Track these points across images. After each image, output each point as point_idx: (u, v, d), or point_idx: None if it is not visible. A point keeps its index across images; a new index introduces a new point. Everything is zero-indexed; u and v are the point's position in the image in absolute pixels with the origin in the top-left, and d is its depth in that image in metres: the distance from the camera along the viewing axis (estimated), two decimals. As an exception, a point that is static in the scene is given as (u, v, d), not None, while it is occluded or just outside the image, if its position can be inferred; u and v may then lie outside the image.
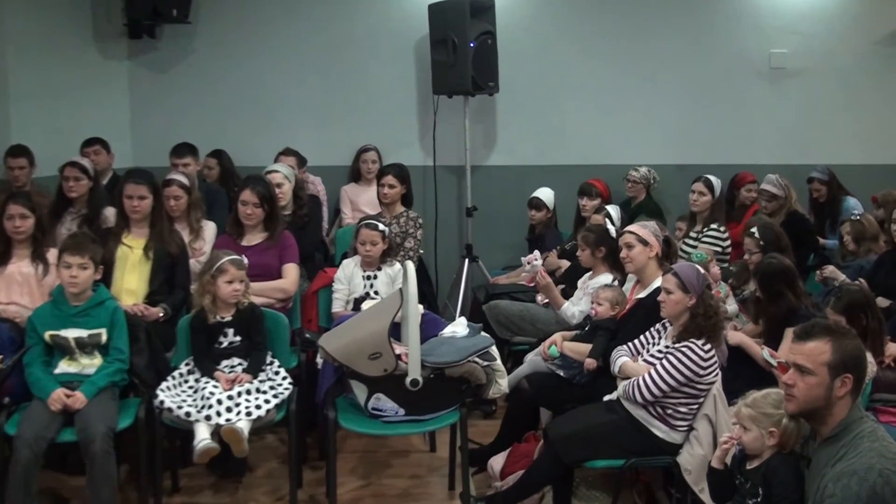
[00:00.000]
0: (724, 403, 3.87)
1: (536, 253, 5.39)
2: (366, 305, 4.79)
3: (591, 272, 5.25)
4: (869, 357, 3.89)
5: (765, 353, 4.24)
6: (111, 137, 6.49)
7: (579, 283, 5.36)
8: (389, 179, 5.77)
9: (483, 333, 4.44)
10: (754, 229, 5.27)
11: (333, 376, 4.20)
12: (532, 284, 5.93)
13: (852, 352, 2.93)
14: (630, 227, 4.69)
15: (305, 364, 4.67)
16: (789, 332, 4.23)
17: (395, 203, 5.81)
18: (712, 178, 6.14)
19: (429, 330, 4.35)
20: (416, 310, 4.05)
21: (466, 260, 6.93)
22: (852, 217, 5.69)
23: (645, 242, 4.58)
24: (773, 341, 4.40)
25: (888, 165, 7.45)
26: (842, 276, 5.32)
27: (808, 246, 6.28)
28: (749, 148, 7.43)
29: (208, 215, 5.35)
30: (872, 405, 4.22)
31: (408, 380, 3.97)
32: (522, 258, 5.43)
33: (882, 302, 4.94)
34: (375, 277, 5.08)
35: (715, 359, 3.90)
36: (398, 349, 4.06)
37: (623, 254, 4.64)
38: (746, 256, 5.27)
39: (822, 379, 2.91)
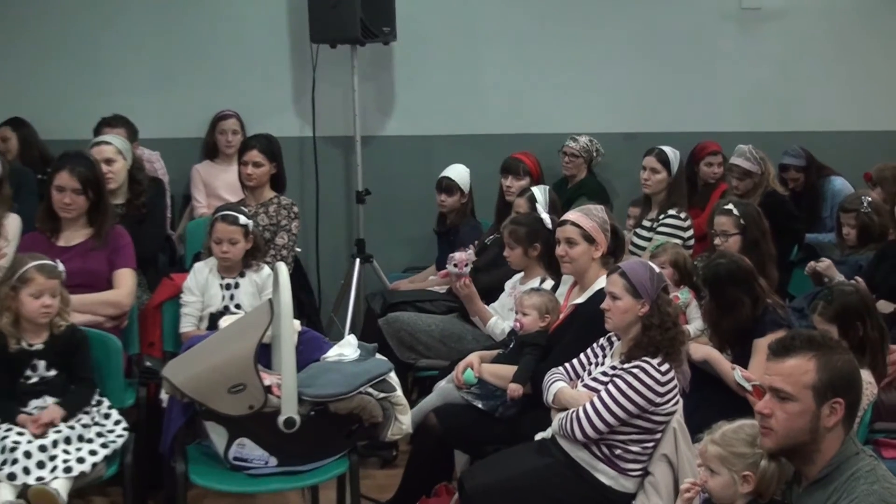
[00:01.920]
0: (686, 440, 3.91)
1: (471, 253, 5.35)
2: (225, 322, 4.72)
3: (522, 274, 5.28)
4: (867, 376, 4.01)
5: (736, 373, 4.33)
6: None
7: (507, 287, 5.38)
8: (254, 156, 5.72)
9: (379, 356, 4.43)
10: (731, 206, 5.37)
11: (183, 417, 4.13)
12: (442, 289, 5.93)
13: (843, 370, 2.97)
14: (571, 216, 4.71)
15: (146, 402, 4.62)
16: (761, 345, 4.36)
17: (262, 187, 5.77)
18: (668, 150, 6.20)
19: (308, 353, 4.33)
20: (291, 327, 4.02)
21: (357, 260, 6.92)
22: (861, 208, 5.84)
23: (591, 239, 4.61)
24: (737, 361, 4.50)
25: (889, 132, 7.68)
26: (838, 276, 5.46)
27: (790, 236, 6.44)
28: (715, 111, 7.57)
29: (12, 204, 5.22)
30: (873, 437, 4.34)
31: (280, 419, 3.94)
32: (454, 255, 5.35)
33: (884, 306, 5.07)
34: (237, 286, 5.05)
35: (674, 382, 3.93)
36: (268, 379, 4.03)
37: (561, 250, 4.66)
38: (718, 241, 5.36)
39: (805, 406, 2.94)
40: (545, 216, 5.22)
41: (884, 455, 4.22)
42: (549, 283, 5.06)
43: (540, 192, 5.75)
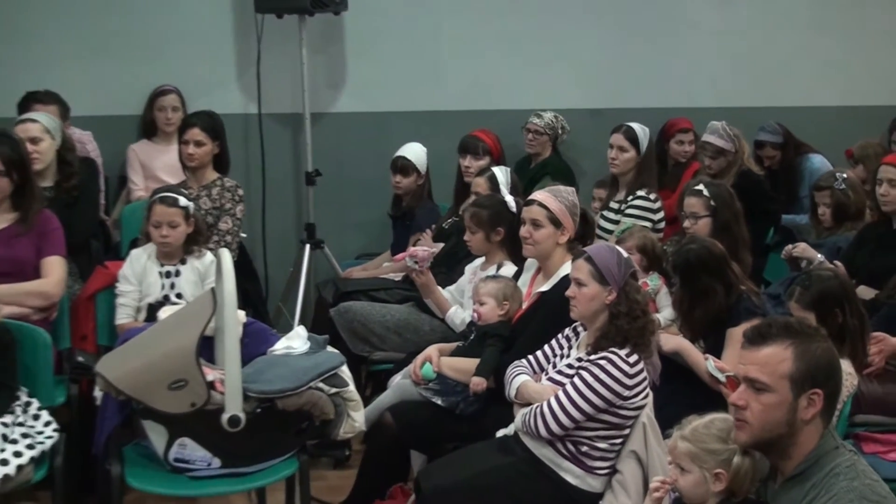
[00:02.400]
0: (656, 436, 3.93)
1: (433, 251, 5.29)
2: (164, 313, 4.69)
3: (483, 259, 5.28)
4: (847, 366, 4.04)
5: (709, 364, 4.35)
6: None
7: (467, 271, 5.38)
8: (196, 134, 5.71)
9: (330, 349, 4.43)
10: (701, 186, 5.39)
11: (118, 416, 4.11)
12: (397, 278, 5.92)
13: (822, 359, 2.98)
14: (539, 196, 4.73)
15: (78, 400, 4.59)
16: (734, 334, 4.38)
17: (204, 168, 5.77)
18: (637, 127, 6.22)
19: (254, 346, 4.32)
20: (235, 318, 4.01)
21: (307, 246, 6.91)
22: (835, 185, 5.88)
23: (557, 223, 4.63)
24: (709, 351, 4.53)
25: (871, 108, 7.73)
26: (818, 256, 5.49)
27: (766, 218, 6.49)
28: (686, 86, 7.61)
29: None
30: (853, 431, 4.38)
31: (224, 417, 3.92)
32: (417, 251, 5.27)
33: (865, 292, 5.13)
34: (177, 274, 5.05)
35: (644, 375, 3.95)
36: (210, 374, 4.01)
37: (525, 231, 4.68)
38: (688, 224, 5.39)
39: (782, 397, 2.95)
40: (509, 198, 5.22)
41: (864, 450, 4.26)
42: (509, 269, 5.05)
43: (501, 173, 5.77)
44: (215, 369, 4.09)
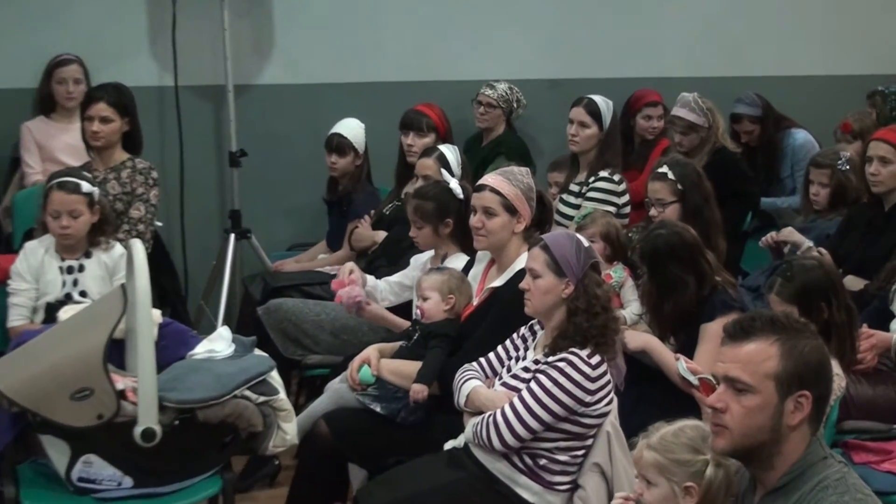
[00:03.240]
0: (622, 446, 3.94)
1: (357, 289, 5.06)
2: (66, 314, 4.66)
3: (432, 253, 5.27)
4: (834, 366, 4.04)
5: (680, 365, 4.35)
6: None
7: (413, 262, 5.38)
8: (101, 110, 5.69)
9: (258, 352, 4.43)
10: (665, 168, 5.41)
11: (11, 431, 4.08)
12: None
13: (811, 358, 2.98)
14: (491, 181, 4.71)
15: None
16: (709, 331, 4.40)
17: (111, 147, 5.75)
18: (600, 100, 6.22)
19: (172, 349, 4.34)
20: (149, 318, 4.00)
21: (232, 236, 6.90)
22: (839, 164, 5.91)
23: (512, 210, 4.63)
24: (682, 350, 4.54)
25: (862, 77, 7.78)
26: (806, 242, 5.52)
27: (743, 200, 6.52)
28: (654, 54, 7.67)
29: None
30: (841, 438, 4.41)
31: (137, 430, 3.91)
32: (340, 292, 5.02)
33: (853, 283, 5.17)
34: (81, 269, 5.04)
35: (607, 378, 3.96)
36: (121, 382, 4.00)
37: (476, 221, 4.67)
38: (654, 212, 5.41)
39: (766, 399, 2.95)
40: (454, 184, 5.19)
41: (854, 460, 4.29)
42: (457, 260, 5.04)
43: (451, 152, 5.77)
44: (126, 376, 4.08)
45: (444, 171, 5.40)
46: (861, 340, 4.52)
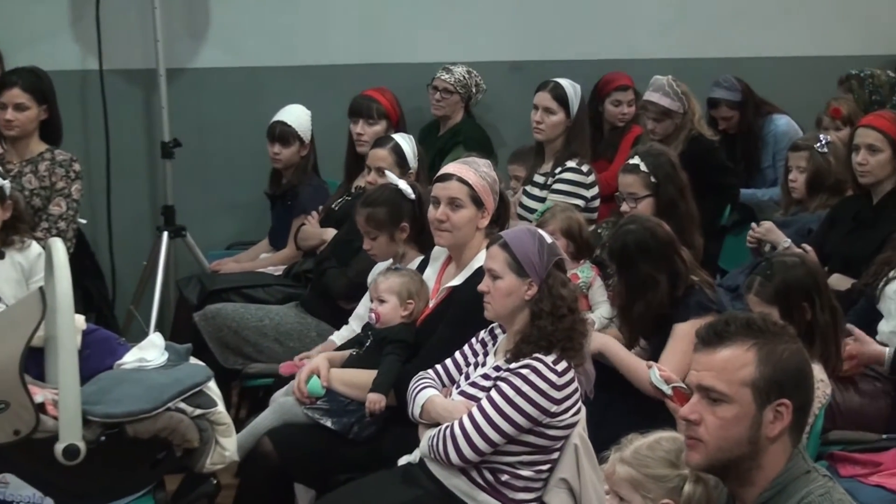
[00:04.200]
0: (590, 460, 3.96)
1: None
2: (-24, 321, 4.63)
3: (390, 262, 5.22)
4: (818, 372, 4.08)
5: (653, 373, 4.34)
6: None
7: (371, 283, 5.29)
8: (16, 96, 5.72)
9: (194, 360, 4.41)
10: (637, 159, 5.43)
11: (-80, 449, 4.05)
12: None
13: (790, 363, 2.99)
14: (456, 170, 4.71)
15: None
16: (680, 330, 4.45)
17: (28, 137, 5.78)
18: (566, 84, 6.25)
19: (97, 359, 4.30)
20: (72, 324, 3.95)
21: (165, 234, 6.90)
22: (817, 147, 5.95)
23: (479, 203, 4.64)
24: (654, 355, 4.56)
25: (851, 58, 7.81)
26: (784, 241, 5.55)
27: (721, 193, 6.56)
28: (625, 33, 7.69)
29: None
30: (826, 450, 4.43)
31: (59, 447, 3.85)
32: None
33: (839, 282, 5.21)
34: None
35: (574, 386, 3.97)
36: (40, 394, 3.95)
37: (441, 214, 4.65)
38: (626, 207, 5.42)
39: (743, 409, 2.96)
40: (403, 185, 5.17)
41: (841, 473, 4.29)
42: (415, 264, 5.03)
43: (406, 142, 5.79)
44: (46, 388, 4.04)
45: (389, 174, 5.37)
46: (844, 345, 4.53)
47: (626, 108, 7.06)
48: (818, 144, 5.94)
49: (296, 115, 6.51)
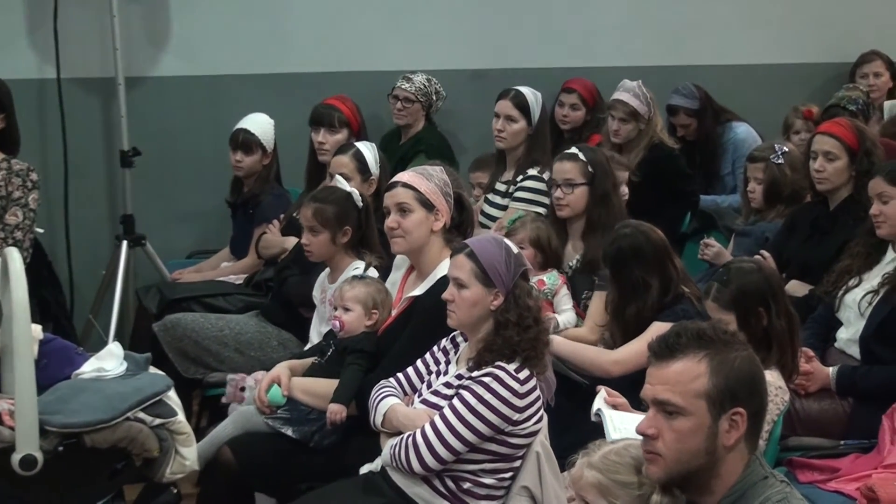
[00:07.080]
0: (553, 468, 3.97)
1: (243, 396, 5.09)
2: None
3: (328, 271, 5.25)
4: (776, 378, 4.13)
5: (597, 399, 4.29)
6: None
7: (316, 293, 5.33)
8: None
9: (154, 370, 4.40)
10: (575, 149, 5.49)
11: None
12: None
13: (742, 371, 3.02)
14: (402, 178, 4.74)
15: None
16: (654, 329, 4.47)
17: None
18: (528, 92, 6.30)
19: (55, 368, 4.28)
20: (28, 333, 3.95)
21: (124, 243, 6.85)
22: (772, 158, 5.98)
23: (429, 205, 4.64)
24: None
25: (811, 65, 7.90)
26: (726, 255, 5.61)
27: (681, 200, 6.62)
28: (586, 41, 7.70)
29: None
30: (785, 456, 4.48)
31: (15, 458, 3.85)
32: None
33: (797, 288, 5.26)
34: None
35: (537, 394, 3.98)
36: (-5, 405, 3.95)
37: (392, 221, 4.67)
38: (559, 193, 5.44)
39: (698, 420, 2.98)
40: (353, 191, 5.20)
41: (799, 479, 4.35)
42: (351, 271, 5.04)
43: (368, 150, 5.77)
44: (3, 398, 4.03)
45: (339, 179, 5.37)
46: (801, 363, 4.57)
47: (567, 111, 7.09)
48: (773, 155, 5.95)
49: (259, 124, 6.49)
